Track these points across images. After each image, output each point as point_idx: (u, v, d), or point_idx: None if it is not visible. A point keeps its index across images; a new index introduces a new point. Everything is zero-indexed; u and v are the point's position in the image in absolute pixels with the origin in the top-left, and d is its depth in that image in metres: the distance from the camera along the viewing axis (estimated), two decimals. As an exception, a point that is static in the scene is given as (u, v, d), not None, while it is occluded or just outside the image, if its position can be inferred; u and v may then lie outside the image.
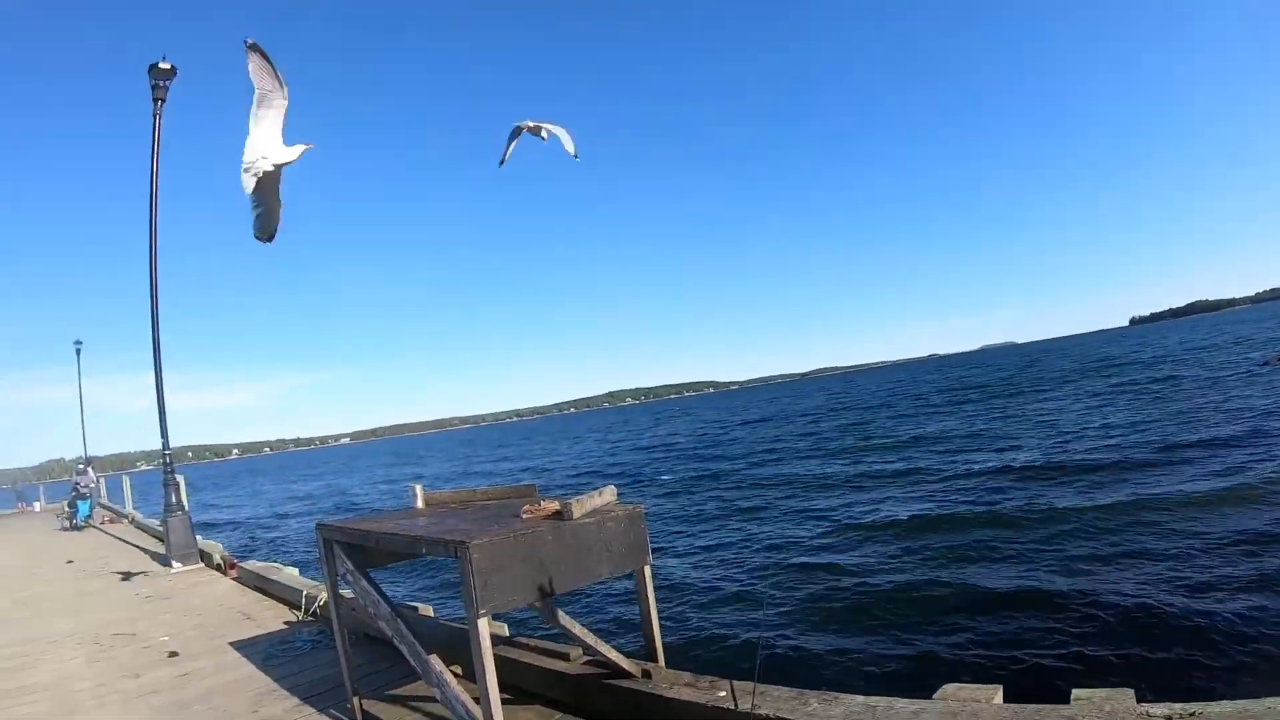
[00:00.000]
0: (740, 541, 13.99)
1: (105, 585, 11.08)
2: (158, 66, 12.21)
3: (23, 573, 13.43)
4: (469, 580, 3.03)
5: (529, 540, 3.26)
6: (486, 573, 3.05)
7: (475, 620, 3.04)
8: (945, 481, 17.60)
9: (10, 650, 7.43)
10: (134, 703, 5.46)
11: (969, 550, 10.92)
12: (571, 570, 3.41)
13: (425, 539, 3.40)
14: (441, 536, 3.30)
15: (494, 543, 3.12)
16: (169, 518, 12.07)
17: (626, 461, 37.51)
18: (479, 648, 3.06)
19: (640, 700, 3.77)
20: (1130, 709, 2.57)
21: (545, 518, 3.53)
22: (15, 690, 6.06)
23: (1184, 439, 17.50)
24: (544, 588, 3.30)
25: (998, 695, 3.04)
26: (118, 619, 8.50)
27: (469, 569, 3.02)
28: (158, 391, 12.27)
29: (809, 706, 3.22)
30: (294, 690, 5.23)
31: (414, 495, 4.78)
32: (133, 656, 6.78)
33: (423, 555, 3.54)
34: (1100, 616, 7.69)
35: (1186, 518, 10.83)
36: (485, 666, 3.05)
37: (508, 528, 3.34)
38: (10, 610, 9.65)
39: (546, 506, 3.63)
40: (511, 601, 3.21)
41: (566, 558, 3.39)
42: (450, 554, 3.14)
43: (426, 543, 3.39)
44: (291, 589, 8.05)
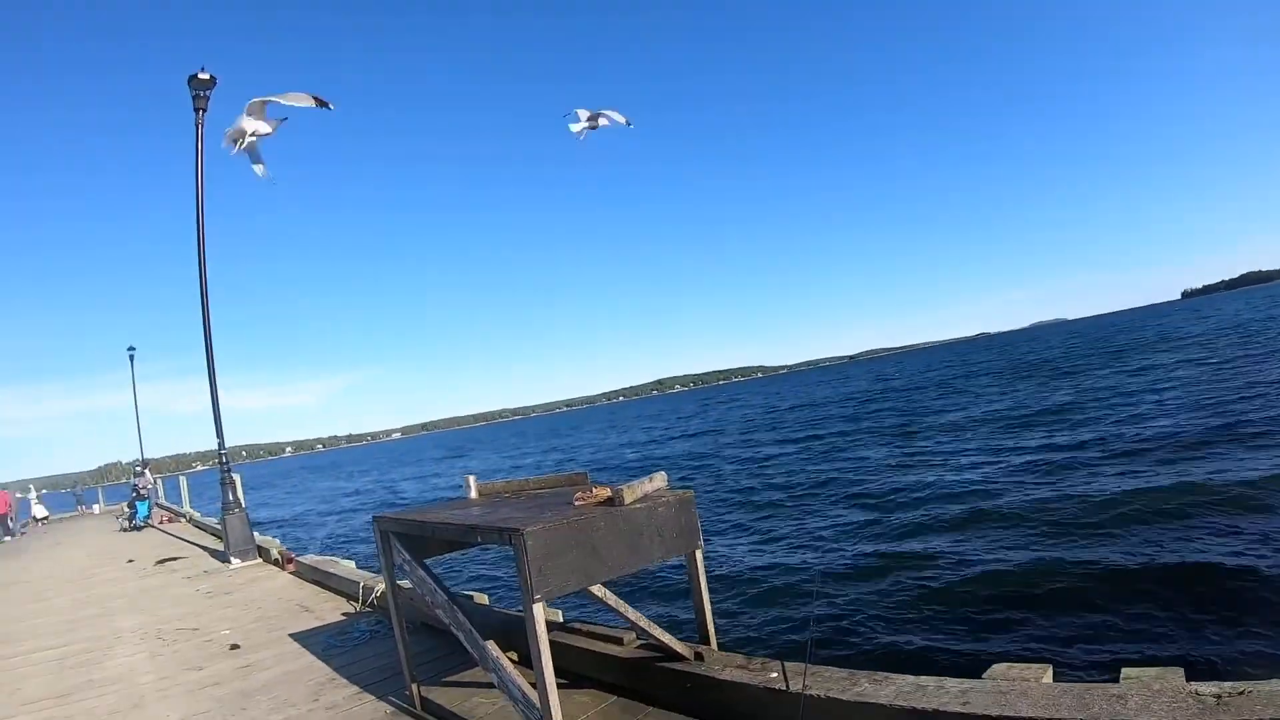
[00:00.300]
0: (790, 527, 14.01)
1: (166, 582, 11.40)
2: (197, 77, 12.43)
3: (86, 572, 13.80)
4: (524, 567, 3.10)
5: (582, 526, 3.32)
6: (541, 559, 3.12)
7: (531, 606, 3.11)
8: (994, 463, 17.46)
9: (78, 647, 7.66)
10: (198, 694, 5.62)
11: (1019, 532, 10.84)
12: (624, 555, 3.47)
13: (480, 527, 3.48)
14: (496, 525, 3.38)
15: (548, 529, 3.18)
16: (227, 515, 12.35)
17: (676, 450, 37.67)
18: (535, 632, 3.13)
19: (693, 681, 3.83)
20: (1180, 688, 2.56)
21: (598, 504, 3.60)
22: (85, 684, 6.26)
23: (1249, 417, 17.15)
24: (597, 572, 3.37)
25: (1047, 674, 3.04)
26: (180, 614, 8.75)
27: (524, 556, 3.09)
28: (212, 394, 12.56)
29: (859, 686, 3.25)
30: (353, 679, 5.37)
31: (468, 486, 4.88)
32: (195, 650, 6.96)
33: (478, 544, 3.62)
34: (1153, 596, 7.61)
35: (1245, 498, 10.65)
36: (541, 650, 3.12)
37: (561, 515, 3.41)
38: (76, 609, 9.93)
39: (598, 493, 3.70)
40: (566, 586, 3.28)
41: (619, 543, 3.45)
42: (505, 542, 3.22)
43: (481, 531, 3.47)
44: (349, 581, 8.24)
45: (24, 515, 31.03)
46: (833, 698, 3.22)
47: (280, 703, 5.13)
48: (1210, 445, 14.85)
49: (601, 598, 4.13)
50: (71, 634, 8.33)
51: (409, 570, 4.16)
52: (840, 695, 3.21)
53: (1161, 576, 8.05)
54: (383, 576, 4.91)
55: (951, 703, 2.90)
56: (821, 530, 13.37)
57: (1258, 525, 9.19)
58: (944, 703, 2.92)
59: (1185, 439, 15.87)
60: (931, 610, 8.37)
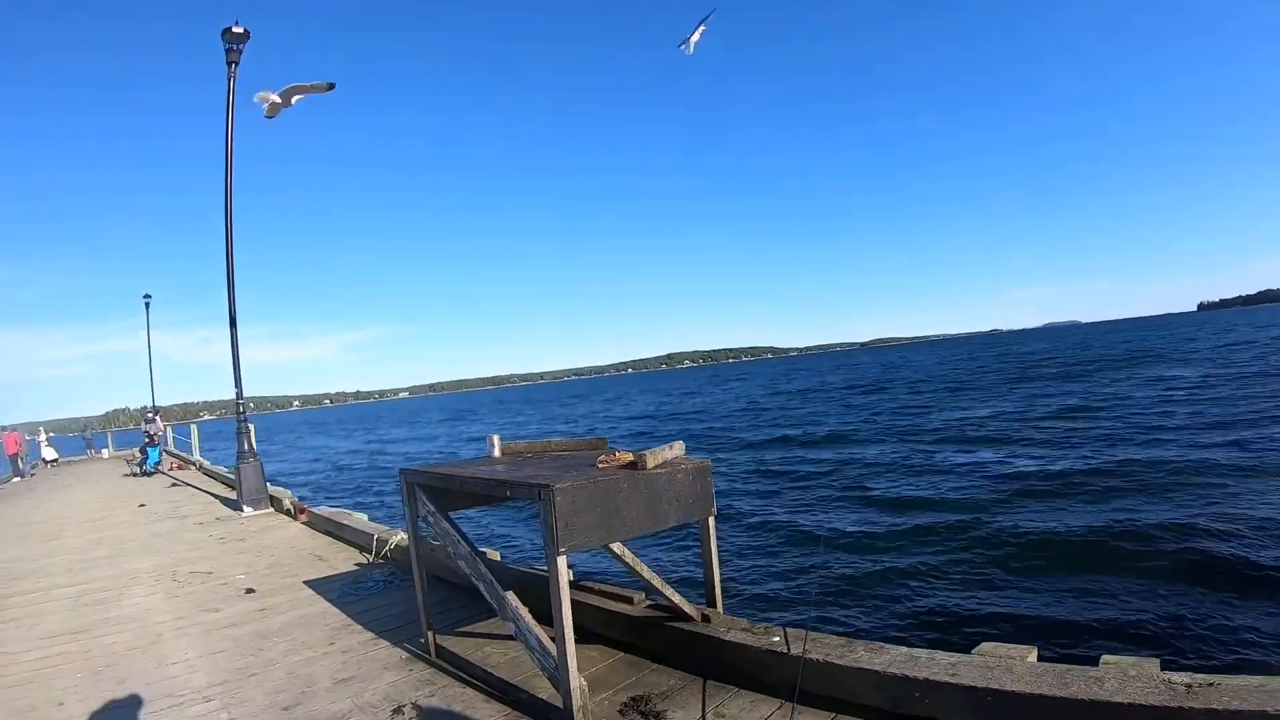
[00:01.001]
0: (797, 503, 14.31)
1: (178, 527, 11.59)
2: (231, 30, 12.43)
3: (98, 515, 13.97)
4: (551, 521, 3.28)
5: (607, 487, 3.50)
6: (568, 514, 3.30)
7: (555, 558, 3.29)
8: (997, 452, 17.76)
9: (94, 585, 7.82)
10: (215, 633, 5.79)
11: (1015, 523, 11.08)
12: (643, 516, 3.65)
13: (510, 482, 3.66)
14: (526, 480, 3.55)
15: (576, 487, 3.36)
16: (241, 464, 12.50)
17: (686, 424, 38.09)
18: (557, 583, 3.31)
19: (698, 641, 4.04)
20: (1155, 675, 2.73)
21: (621, 467, 3.79)
22: (103, 621, 6.42)
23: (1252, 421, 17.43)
24: (618, 530, 3.56)
25: (1032, 654, 3.24)
26: (194, 558, 8.93)
27: (551, 510, 3.27)
28: (233, 344, 12.70)
29: (855, 653, 3.46)
30: (368, 626, 5.56)
31: (491, 445, 5.05)
32: (210, 593, 7.13)
33: (506, 498, 3.81)
34: (1142, 592, 7.85)
35: (1234, 497, 10.92)
36: (561, 599, 3.31)
37: (587, 475, 3.59)
38: (89, 549, 10.10)
39: (621, 457, 3.88)
40: (589, 542, 3.47)
41: (639, 504, 3.63)
42: (535, 496, 3.39)
43: (512, 486, 3.65)
44: (362, 533, 8.44)
45: (34, 457, 31.31)
46: (830, 662, 3.42)
47: (297, 644, 5.30)
48: (1208, 445, 15.16)
49: (620, 554, 4.32)
50: (86, 573, 8.48)
51: (433, 522, 4.34)
52: (838, 660, 3.42)
53: (1152, 573, 8.30)
54: (405, 529, 5.09)
55: (941, 673, 3.10)
56: (827, 507, 13.71)
57: (1249, 528, 9.39)
58: (934, 673, 3.12)
59: (1184, 440, 16.14)
60: (928, 590, 8.63)
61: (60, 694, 4.69)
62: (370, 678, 4.49)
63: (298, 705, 4.15)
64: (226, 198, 12.53)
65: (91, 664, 5.27)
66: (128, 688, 4.70)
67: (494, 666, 4.37)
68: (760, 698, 3.61)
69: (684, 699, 3.69)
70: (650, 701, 3.65)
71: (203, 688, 4.58)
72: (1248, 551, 8.53)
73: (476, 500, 4.66)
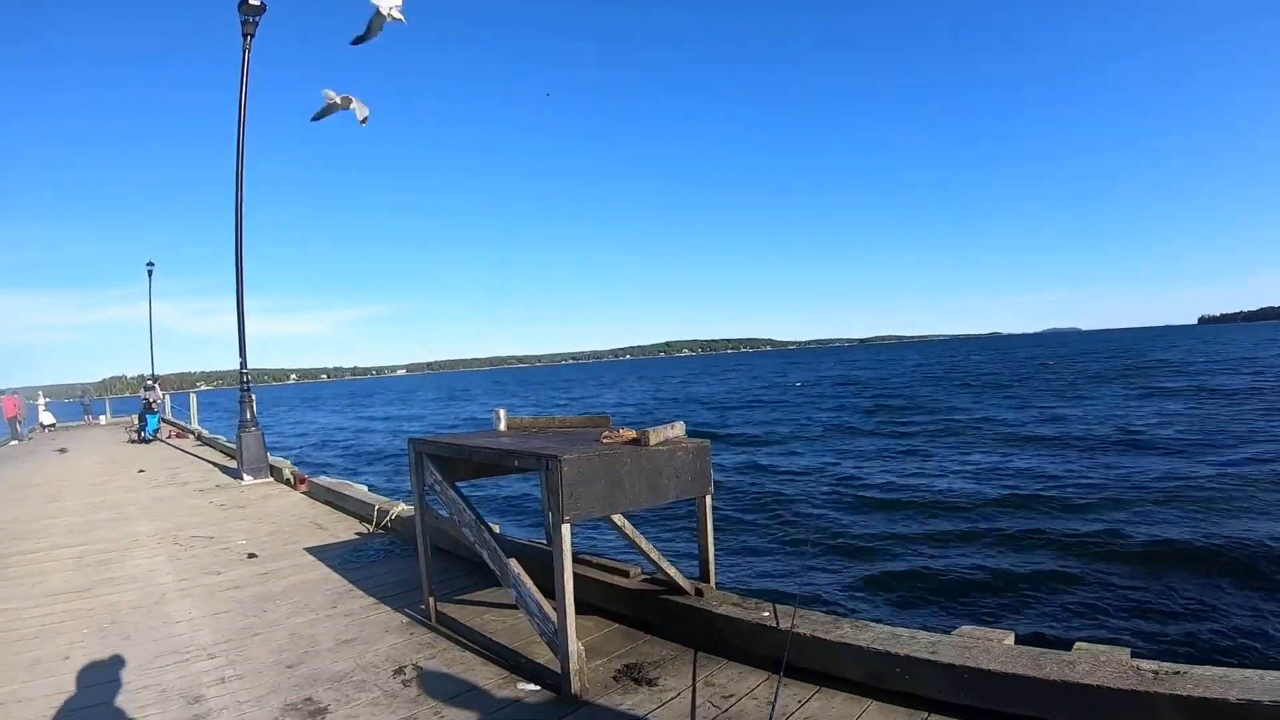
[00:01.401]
0: (791, 489, 14.54)
1: (178, 493, 11.71)
2: (248, 3, 12.41)
3: (97, 479, 14.09)
4: (557, 490, 3.42)
5: (611, 460, 3.64)
6: (574, 485, 3.45)
7: (560, 526, 3.43)
8: (990, 447, 18.05)
9: (97, 547, 7.92)
10: (218, 595, 5.91)
11: (1002, 515, 11.36)
12: (644, 491, 3.79)
13: (518, 453, 3.80)
14: (534, 451, 3.69)
15: (581, 459, 3.51)
16: (243, 433, 12.61)
17: (685, 408, 38.47)
18: (560, 550, 3.46)
19: (691, 614, 4.19)
20: (1124, 662, 2.88)
21: (625, 443, 3.94)
22: (106, 581, 6.53)
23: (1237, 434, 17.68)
24: (620, 503, 3.70)
25: (1009, 638, 3.39)
26: (195, 523, 9.04)
27: (558, 481, 3.41)
28: (239, 314, 12.79)
29: (841, 630, 3.62)
30: (369, 591, 5.70)
31: (497, 418, 5.19)
32: (212, 556, 7.24)
33: (514, 468, 3.95)
34: (1121, 584, 8.08)
35: (1213, 500, 11.20)
36: (564, 566, 3.45)
37: (593, 448, 3.74)
38: (90, 512, 10.21)
39: (625, 434, 4.04)
40: (591, 513, 3.61)
41: (641, 479, 3.77)
42: (542, 467, 3.53)
43: (519, 456, 3.79)
44: (362, 503, 8.56)
45: (31, 421, 31.38)
46: (817, 637, 3.58)
47: (300, 607, 5.43)
48: (1191, 451, 15.43)
49: (620, 526, 4.46)
50: (88, 535, 8.59)
51: (439, 490, 4.48)
52: (824, 635, 3.57)
53: (1134, 568, 8.50)
54: (399, 499, 5.22)
55: (921, 650, 3.26)
56: (820, 493, 13.96)
57: (1229, 527, 9.63)
58: (914, 650, 3.28)
59: (1168, 446, 16.43)
60: (915, 575, 8.84)
61: (66, 648, 4.79)
62: (372, 640, 4.62)
63: (301, 664, 4.27)
64: (238, 174, 12.62)
65: (96, 621, 5.38)
66: (133, 643, 4.82)
67: (493, 633, 4.51)
68: (749, 669, 3.76)
69: (676, 668, 3.84)
70: (643, 669, 3.80)
71: (207, 645, 4.70)
72: (1226, 549, 8.74)
73: (483, 470, 4.80)
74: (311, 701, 3.74)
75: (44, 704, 3.89)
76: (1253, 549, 8.70)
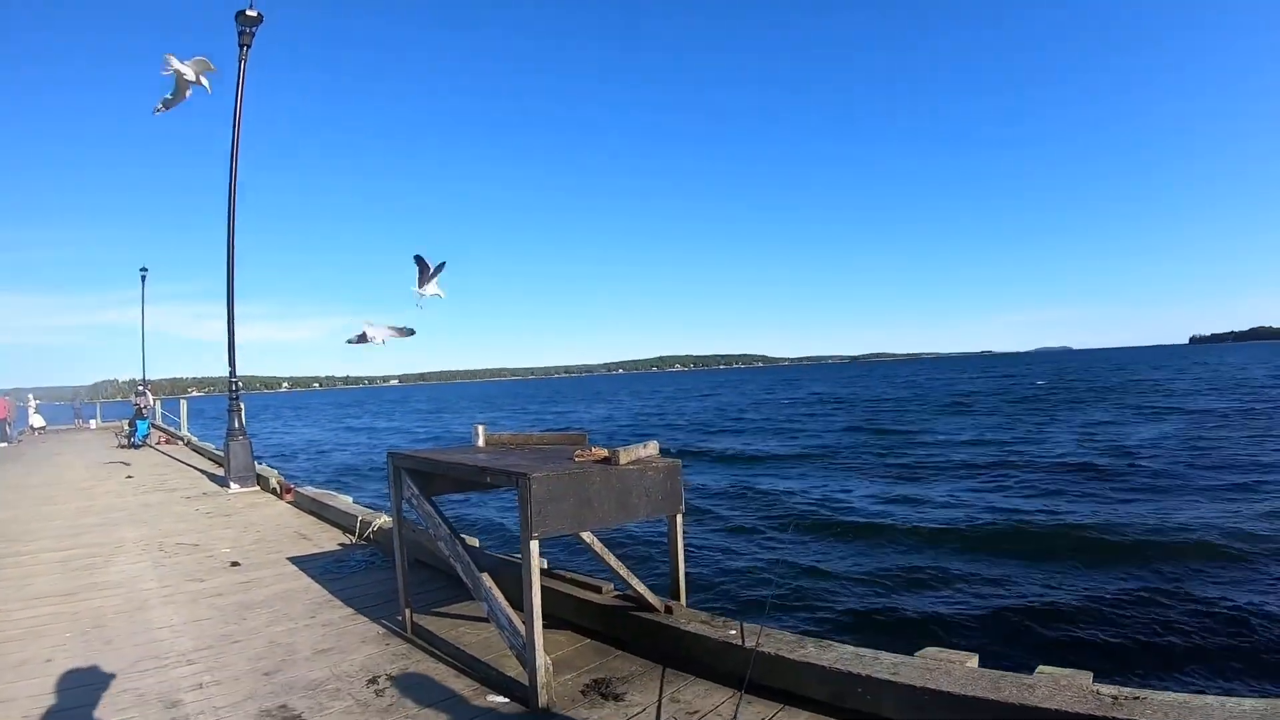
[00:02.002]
0: (763, 508, 14.63)
1: (166, 500, 11.77)
2: (244, 13, 12.50)
3: (86, 484, 14.12)
4: (526, 507, 3.51)
5: (579, 478, 3.73)
6: (542, 502, 3.54)
7: (529, 541, 3.53)
8: (967, 470, 18.21)
9: (82, 552, 7.99)
10: (200, 602, 5.98)
11: (976, 534, 11.53)
12: (613, 509, 3.88)
13: (490, 469, 3.89)
14: (505, 468, 3.79)
15: (550, 477, 3.60)
16: (231, 441, 12.64)
17: (668, 426, 38.63)
18: (528, 565, 3.55)
19: (660, 631, 4.27)
20: (1085, 686, 2.93)
21: (595, 461, 4.03)
22: (89, 586, 6.60)
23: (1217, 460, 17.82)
24: (588, 520, 3.80)
25: (972, 660, 3.46)
26: (180, 530, 9.11)
27: (528, 497, 3.50)
28: (229, 325, 12.84)
29: (805, 649, 3.70)
30: (348, 602, 5.77)
31: (476, 435, 5.29)
32: (196, 564, 7.32)
33: (486, 484, 4.03)
34: (1094, 608, 8.16)
35: (1185, 524, 11.34)
36: (532, 580, 3.55)
37: (562, 466, 3.83)
38: (77, 517, 10.27)
39: (596, 452, 4.13)
40: (560, 529, 3.71)
41: (610, 497, 3.86)
42: (512, 484, 3.63)
43: (491, 472, 3.88)
44: (346, 514, 8.63)
45: (21, 424, 31.27)
46: (780, 655, 3.67)
47: (280, 615, 5.51)
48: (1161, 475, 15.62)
49: (589, 544, 4.55)
50: (75, 539, 8.66)
51: (416, 504, 4.57)
52: (788, 654, 3.66)
53: (1108, 591, 8.57)
54: (382, 511, 5.30)
55: (883, 671, 3.34)
56: (790, 513, 14.10)
57: (1201, 555, 9.77)
58: (876, 670, 3.35)
59: (1141, 469, 16.61)
60: (882, 596, 8.92)
61: (50, 651, 4.88)
62: (348, 650, 4.70)
63: (278, 672, 4.35)
64: (230, 184, 12.68)
65: (80, 625, 5.46)
66: (114, 648, 4.90)
67: (467, 645, 4.59)
68: (714, 686, 3.83)
69: (643, 684, 3.92)
70: (611, 684, 3.88)
71: (187, 651, 4.78)
72: (1200, 576, 8.85)
73: (459, 485, 4.88)
74: (286, 708, 3.82)
75: (29, 704, 3.98)
76: (1225, 576, 8.81)
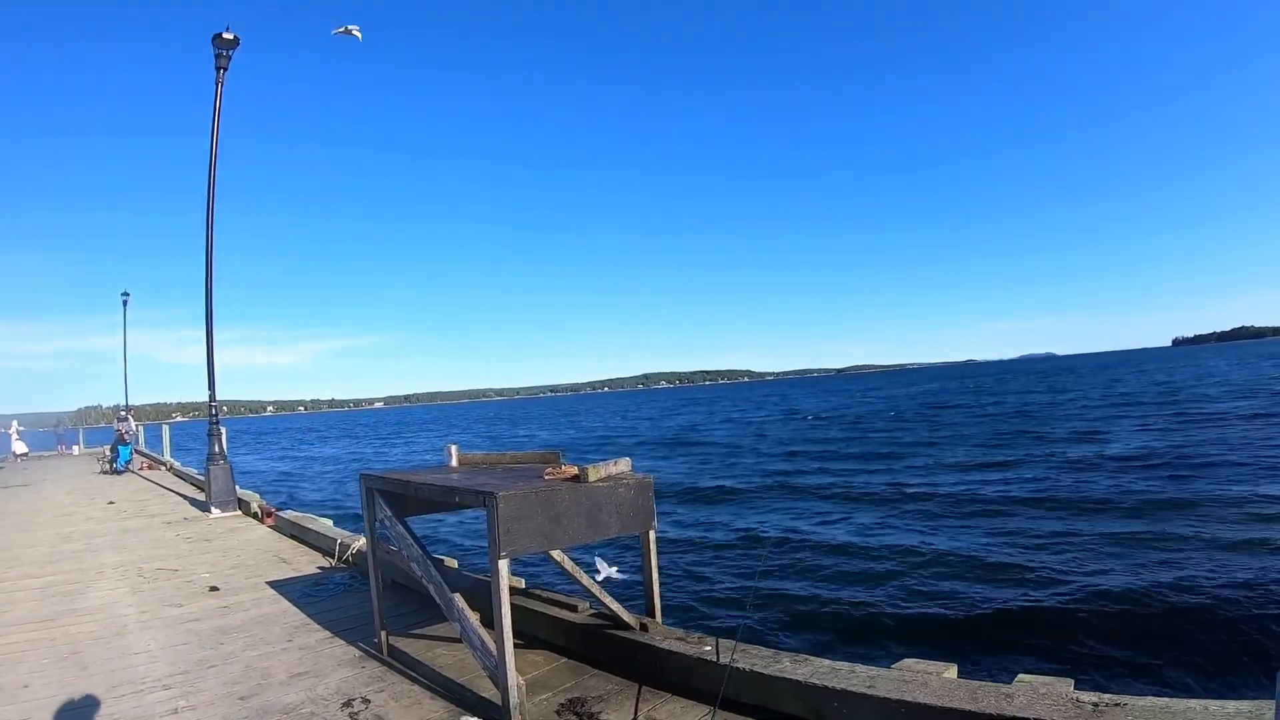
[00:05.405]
0: (741, 524, 14.62)
1: (147, 525, 11.68)
2: (221, 36, 12.59)
3: (68, 510, 14.03)
4: (494, 526, 3.51)
5: (548, 496, 3.73)
6: (509, 521, 3.53)
7: (497, 561, 3.52)
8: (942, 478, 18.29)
9: (62, 578, 7.96)
10: (177, 627, 5.96)
11: (953, 547, 11.50)
12: (583, 526, 3.88)
13: (459, 489, 3.89)
14: (474, 488, 3.78)
15: (518, 495, 3.59)
16: (211, 466, 12.58)
17: (644, 439, 38.54)
18: (498, 585, 3.54)
19: (636, 649, 4.26)
20: (1064, 694, 2.92)
21: (565, 479, 4.02)
22: (69, 612, 6.57)
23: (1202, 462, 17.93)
24: (558, 539, 3.79)
25: (950, 671, 3.45)
26: (160, 555, 9.06)
27: (495, 517, 3.50)
28: (208, 346, 12.80)
29: (780, 664, 3.69)
30: (325, 625, 5.76)
31: (449, 454, 5.27)
32: (175, 589, 7.29)
33: (455, 504, 4.02)
34: (1073, 615, 8.17)
35: (1160, 531, 11.40)
36: (501, 600, 3.53)
37: (531, 485, 3.82)
38: (58, 543, 10.20)
39: (567, 470, 4.12)
40: (529, 548, 3.70)
41: (579, 515, 3.85)
42: (480, 503, 3.62)
43: (460, 492, 3.88)
44: (325, 537, 8.62)
45: (4, 450, 31.04)
46: (756, 671, 3.66)
47: (256, 640, 5.49)
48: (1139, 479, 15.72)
49: (560, 562, 4.52)
50: (55, 565, 8.62)
51: (389, 525, 4.56)
52: (763, 670, 3.65)
53: (1083, 601, 8.57)
54: (362, 533, 5.28)
55: (859, 684, 3.33)
56: (767, 525, 14.21)
57: (1179, 558, 9.80)
58: (852, 684, 3.34)
59: (1115, 474, 16.74)
60: (860, 609, 8.90)
61: (26, 677, 4.86)
62: (324, 673, 4.68)
63: (254, 696, 4.34)
64: (209, 206, 12.70)
65: (57, 651, 5.44)
66: (90, 674, 4.88)
67: (442, 666, 4.58)
68: (690, 703, 3.82)
69: (619, 702, 3.90)
70: (586, 704, 3.86)
71: (163, 677, 4.76)
72: (1187, 581, 8.84)
73: (431, 506, 4.87)
74: (260, 733, 3.79)
75: (5, 730, 3.95)
76: (1205, 580, 8.82)
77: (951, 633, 7.95)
